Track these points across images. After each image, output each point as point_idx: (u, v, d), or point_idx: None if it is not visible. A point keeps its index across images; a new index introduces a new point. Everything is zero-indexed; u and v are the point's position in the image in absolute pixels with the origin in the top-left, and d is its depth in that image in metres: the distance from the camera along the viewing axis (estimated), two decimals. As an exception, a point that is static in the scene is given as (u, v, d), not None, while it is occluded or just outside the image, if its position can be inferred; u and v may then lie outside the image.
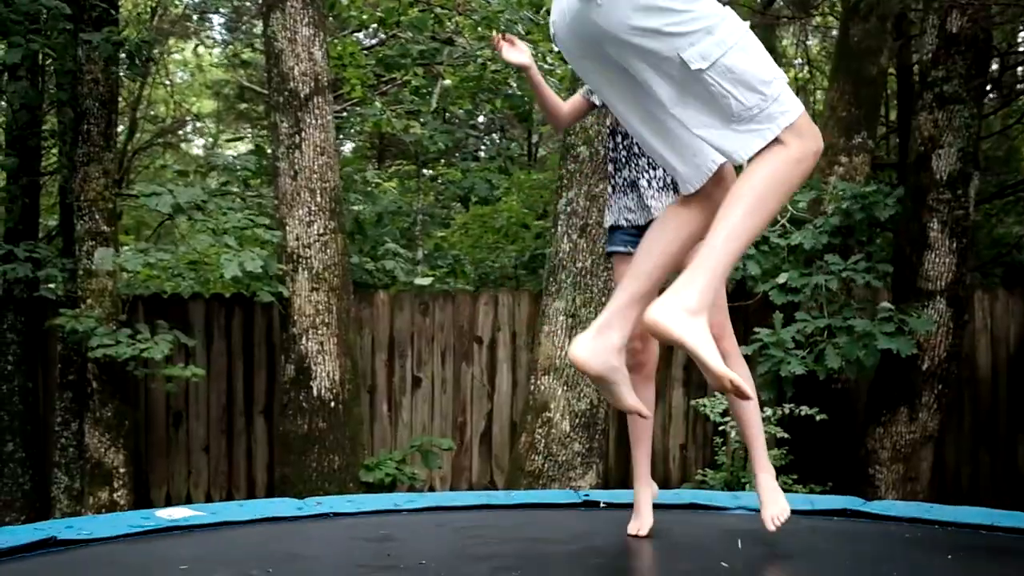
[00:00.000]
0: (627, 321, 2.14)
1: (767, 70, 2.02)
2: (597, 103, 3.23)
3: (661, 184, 3.19)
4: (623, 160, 3.25)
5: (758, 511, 3.52)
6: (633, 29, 1.99)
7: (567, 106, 3.25)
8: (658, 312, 1.91)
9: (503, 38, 3.02)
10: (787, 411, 6.18)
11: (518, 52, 3.00)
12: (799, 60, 11.07)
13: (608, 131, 3.34)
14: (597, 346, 2.10)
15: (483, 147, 12.52)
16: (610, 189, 3.32)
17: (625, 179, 3.24)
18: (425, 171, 10.16)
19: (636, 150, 3.20)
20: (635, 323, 2.16)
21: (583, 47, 2.15)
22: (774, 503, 3.03)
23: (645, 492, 3.13)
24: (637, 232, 3.20)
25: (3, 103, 8.01)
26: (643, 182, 3.20)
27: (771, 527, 2.98)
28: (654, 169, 3.19)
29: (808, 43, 10.84)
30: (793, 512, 3.59)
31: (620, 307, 2.16)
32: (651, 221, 3.14)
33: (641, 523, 3.06)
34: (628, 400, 2.19)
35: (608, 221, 3.34)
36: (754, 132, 1.99)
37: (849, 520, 3.65)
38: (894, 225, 6.82)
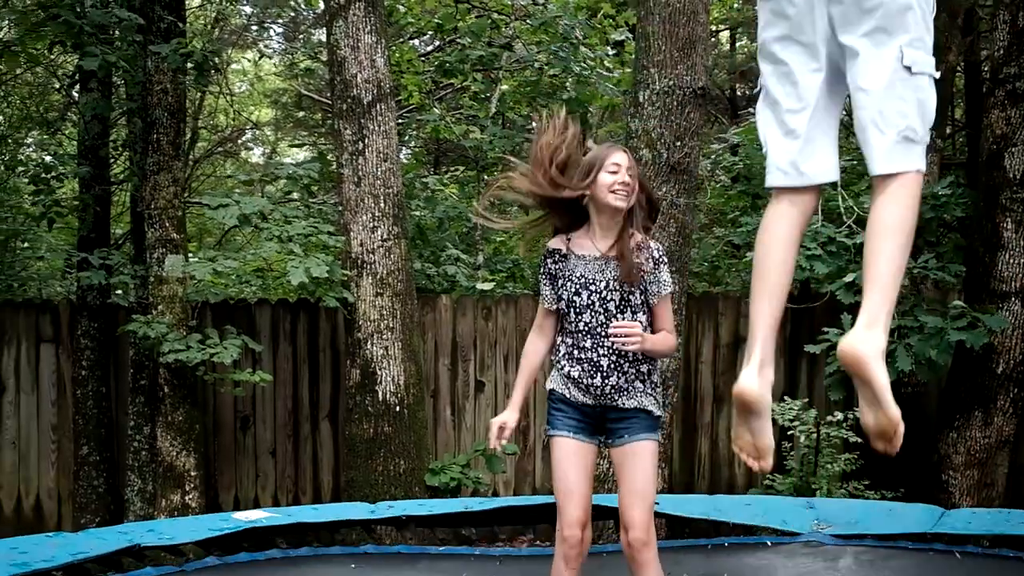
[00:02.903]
0: (772, 353, 2.24)
1: (933, 118, 2.19)
2: (561, 307, 3.18)
3: (599, 392, 3.10)
4: (568, 355, 3.17)
5: (835, 538, 3.46)
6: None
7: (544, 332, 3.24)
8: (857, 346, 2.05)
9: (498, 438, 3.21)
10: (858, 414, 6.09)
11: (509, 428, 3.19)
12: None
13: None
14: (762, 382, 2.18)
15: (539, 151, 12.50)
16: (557, 370, 3.23)
17: (568, 375, 3.16)
18: (484, 176, 10.19)
19: (578, 353, 3.12)
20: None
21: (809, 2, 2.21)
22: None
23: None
24: (581, 419, 3.15)
25: (75, 114, 8.21)
26: (583, 384, 3.12)
27: None
28: (595, 376, 3.10)
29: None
30: (872, 536, 3.52)
31: (768, 338, 2.23)
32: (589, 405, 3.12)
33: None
34: (767, 436, 2.22)
35: (550, 397, 3.26)
36: (907, 156, 2.12)
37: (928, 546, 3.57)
38: (962, 226, 6.69)
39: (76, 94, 8.44)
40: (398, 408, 6.51)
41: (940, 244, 6.74)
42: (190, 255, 7.09)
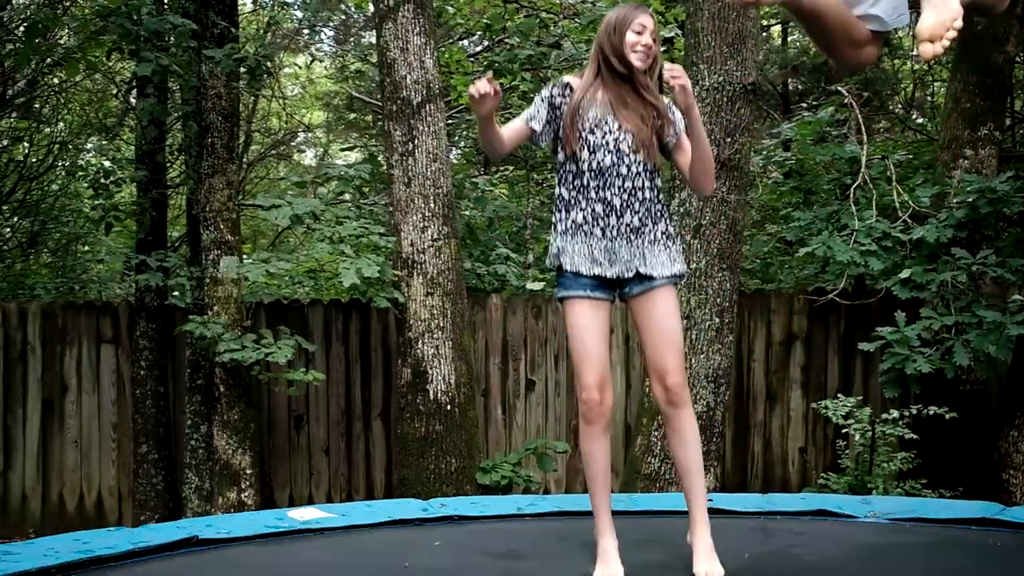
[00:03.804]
0: None
1: None
2: (537, 128, 3.15)
3: (615, 233, 3.06)
4: (574, 201, 3.11)
5: (892, 519, 3.43)
6: None
7: (507, 134, 3.16)
8: None
9: (490, 83, 2.96)
10: (914, 411, 6.00)
11: (490, 100, 2.99)
12: (916, 51, 10.73)
13: (564, 170, 3.17)
14: None
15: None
16: (560, 227, 3.14)
17: (574, 221, 3.10)
18: (534, 175, 10.20)
19: (588, 193, 3.08)
20: None
21: None
22: (709, 559, 3.02)
23: (613, 541, 3.09)
24: (595, 277, 3.07)
25: (132, 119, 8.38)
26: (597, 231, 3.07)
27: None
28: (609, 216, 3.06)
29: (925, 33, 10.45)
30: (930, 521, 3.48)
31: None
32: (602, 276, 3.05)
33: (611, 571, 3.03)
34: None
35: (554, 262, 3.15)
36: None
37: (989, 529, 3.52)
38: (1022, 220, 6.55)
39: (133, 99, 8.63)
40: (449, 407, 6.55)
41: (999, 239, 6.61)
42: (245, 256, 7.20)
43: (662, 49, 9.86)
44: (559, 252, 3.12)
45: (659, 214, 3.12)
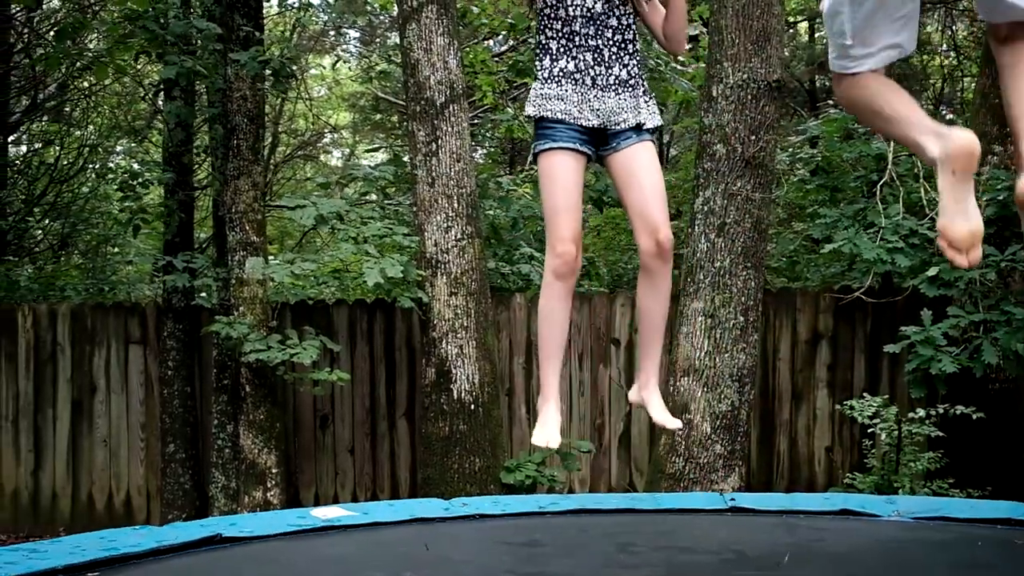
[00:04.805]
0: None
1: None
2: None
3: (604, 83, 3.05)
4: (562, 49, 3.07)
5: (915, 518, 3.41)
6: None
7: None
8: None
9: None
10: (941, 411, 5.93)
11: None
12: (945, 46, 10.61)
13: (551, 16, 3.12)
14: None
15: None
16: (544, 75, 3.10)
17: (562, 70, 3.06)
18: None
19: (578, 41, 3.05)
20: None
21: None
22: (664, 411, 3.27)
23: (556, 408, 3.25)
24: (581, 129, 3.06)
25: (160, 122, 8.47)
26: (587, 79, 3.05)
27: (673, 425, 3.28)
28: (599, 66, 3.05)
29: (954, 28, 10.37)
30: (953, 520, 3.45)
31: None
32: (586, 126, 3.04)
33: (549, 434, 3.19)
34: None
35: (539, 111, 3.09)
36: None
37: (1017, 529, 3.48)
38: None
39: (161, 102, 8.72)
40: (473, 406, 6.56)
41: (1029, 235, 6.53)
42: (270, 257, 7.25)
43: (687, 47, 9.85)
44: (545, 98, 3.07)
45: (641, 69, 3.15)
